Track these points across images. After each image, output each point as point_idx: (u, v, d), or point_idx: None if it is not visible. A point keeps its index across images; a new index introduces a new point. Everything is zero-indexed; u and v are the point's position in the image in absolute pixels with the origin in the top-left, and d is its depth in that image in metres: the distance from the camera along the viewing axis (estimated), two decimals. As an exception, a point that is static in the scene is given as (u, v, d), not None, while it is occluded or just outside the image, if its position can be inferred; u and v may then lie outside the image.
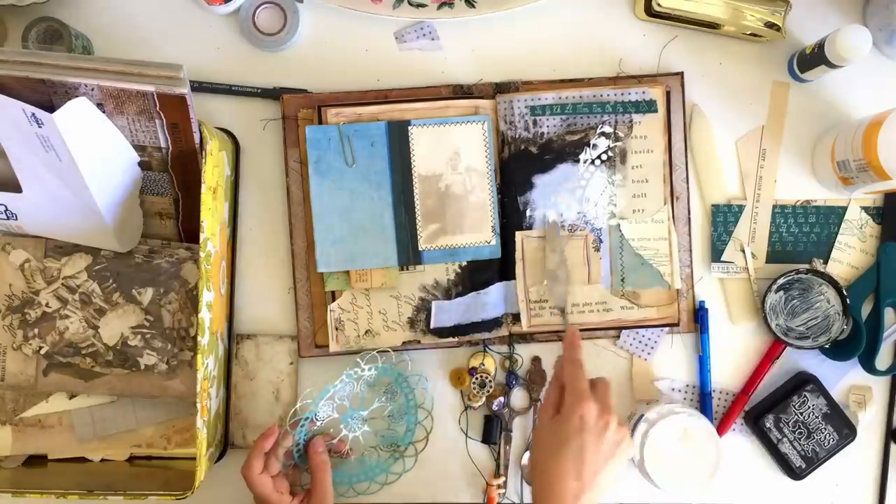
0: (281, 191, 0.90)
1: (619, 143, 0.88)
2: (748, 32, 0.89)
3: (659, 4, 0.88)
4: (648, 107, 0.88)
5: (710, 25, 0.89)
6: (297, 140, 0.88)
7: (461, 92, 0.89)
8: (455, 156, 0.87)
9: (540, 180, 0.88)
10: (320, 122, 0.86)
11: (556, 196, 0.88)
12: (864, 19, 0.91)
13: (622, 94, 0.87)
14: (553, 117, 0.87)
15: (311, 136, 0.85)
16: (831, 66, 0.83)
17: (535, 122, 0.87)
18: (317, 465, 0.84)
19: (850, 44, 0.81)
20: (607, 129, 0.87)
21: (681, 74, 0.89)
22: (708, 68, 0.91)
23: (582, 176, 0.88)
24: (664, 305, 0.88)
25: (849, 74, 0.89)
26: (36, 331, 0.84)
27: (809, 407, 0.88)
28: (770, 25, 0.88)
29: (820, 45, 0.84)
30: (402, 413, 0.89)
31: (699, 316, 0.90)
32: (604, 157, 0.88)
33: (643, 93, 0.87)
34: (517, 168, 0.88)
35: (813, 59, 0.85)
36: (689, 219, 0.90)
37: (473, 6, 0.89)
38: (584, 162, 0.88)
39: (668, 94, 0.88)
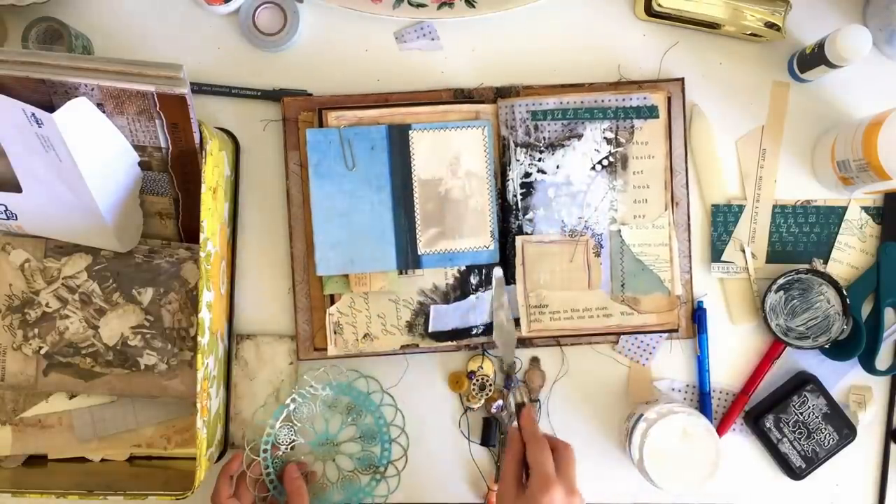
0: (281, 192, 0.90)
1: (620, 149, 0.88)
2: (748, 32, 0.89)
3: (659, 4, 0.88)
4: (650, 112, 0.88)
5: (711, 25, 0.89)
6: (297, 143, 0.88)
7: (462, 96, 0.89)
8: (455, 160, 0.87)
9: (541, 185, 0.88)
10: (321, 126, 0.86)
11: (557, 201, 0.88)
12: (864, 19, 0.91)
13: (623, 99, 0.87)
14: (554, 122, 0.87)
15: (312, 140, 0.85)
16: (831, 66, 0.83)
17: (536, 127, 0.87)
18: (293, 492, 0.83)
19: (850, 44, 0.81)
20: (609, 134, 0.87)
21: (681, 80, 0.89)
22: (708, 68, 0.91)
23: (583, 181, 0.88)
24: (664, 311, 0.88)
25: (849, 74, 0.89)
26: (36, 331, 0.84)
27: (809, 407, 0.88)
28: (770, 25, 0.88)
29: (820, 45, 0.84)
30: (374, 433, 0.88)
31: (697, 316, 0.89)
32: (605, 162, 0.88)
33: (644, 98, 0.87)
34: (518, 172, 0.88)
35: (813, 59, 0.85)
36: (689, 225, 0.90)
37: (473, 6, 0.89)
38: (585, 167, 0.88)
39: (668, 99, 0.88)
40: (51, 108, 0.68)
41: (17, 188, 0.78)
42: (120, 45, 0.90)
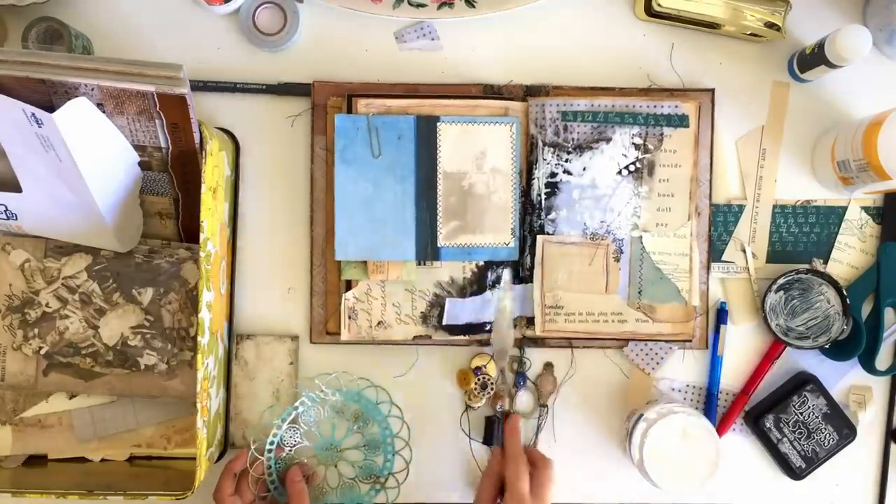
0: (281, 191, 0.90)
1: (647, 156, 0.87)
2: (748, 32, 0.89)
3: (659, 4, 0.88)
4: (680, 121, 0.87)
5: (711, 25, 0.89)
6: (324, 127, 0.88)
7: (491, 92, 0.89)
8: (481, 155, 0.87)
9: (566, 186, 0.88)
10: (349, 112, 0.86)
11: (581, 203, 0.88)
12: (864, 19, 0.91)
13: (654, 106, 0.87)
14: (584, 124, 0.87)
15: (340, 125, 0.85)
16: (831, 66, 0.83)
17: (565, 128, 0.87)
18: (294, 494, 0.83)
19: (850, 44, 0.81)
20: (637, 140, 0.87)
21: (712, 91, 0.89)
22: (708, 68, 0.91)
23: (608, 185, 0.88)
24: (679, 322, 0.88)
25: (849, 74, 0.89)
26: (36, 331, 0.84)
27: (809, 407, 0.88)
28: (770, 25, 0.88)
29: (820, 45, 0.84)
30: (378, 443, 0.88)
31: (719, 316, 0.89)
32: (631, 167, 0.88)
33: (676, 107, 0.87)
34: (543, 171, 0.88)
35: (813, 59, 0.85)
36: (710, 236, 0.89)
37: (473, 6, 0.89)
38: (612, 171, 0.88)
39: (699, 108, 0.88)
40: (51, 108, 0.68)
41: (17, 188, 0.78)
42: (120, 45, 0.90)
